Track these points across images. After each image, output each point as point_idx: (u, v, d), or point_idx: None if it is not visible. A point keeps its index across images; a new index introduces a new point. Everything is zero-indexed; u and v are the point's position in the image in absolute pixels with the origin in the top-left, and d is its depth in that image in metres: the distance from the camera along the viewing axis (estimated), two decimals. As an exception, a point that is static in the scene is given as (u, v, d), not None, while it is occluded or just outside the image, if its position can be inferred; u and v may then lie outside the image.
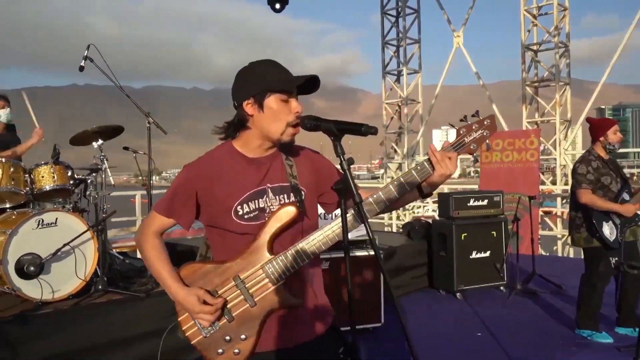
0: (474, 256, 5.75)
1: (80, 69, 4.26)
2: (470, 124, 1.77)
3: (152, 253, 1.71)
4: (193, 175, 1.70)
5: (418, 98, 12.75)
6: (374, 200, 1.71)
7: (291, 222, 1.68)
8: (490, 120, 1.77)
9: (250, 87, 1.66)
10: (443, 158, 1.69)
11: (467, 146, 1.75)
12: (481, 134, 1.76)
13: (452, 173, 1.73)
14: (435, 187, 1.78)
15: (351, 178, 1.55)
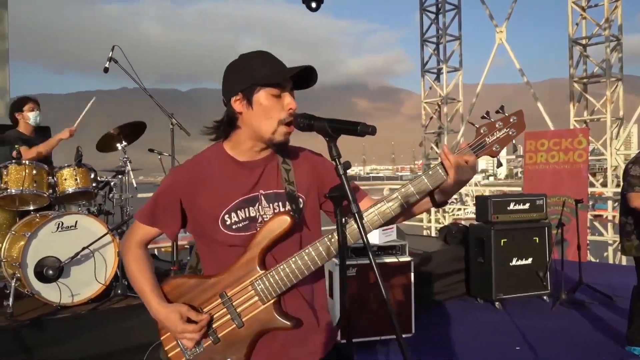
0: (515, 263, 5.42)
1: (105, 70, 4.24)
2: (493, 121, 1.53)
3: (134, 266, 1.56)
4: (177, 181, 1.55)
5: (459, 97, 12.33)
6: (379, 210, 1.51)
7: (285, 233, 1.50)
8: (518, 116, 1.53)
9: (238, 82, 1.49)
10: (458, 162, 1.47)
11: (489, 148, 1.52)
12: (506, 133, 1.52)
13: (469, 179, 1.51)
14: (449, 195, 1.56)
15: (347, 184, 1.35)
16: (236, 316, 1.49)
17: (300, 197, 1.58)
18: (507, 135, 1.52)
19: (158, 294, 1.52)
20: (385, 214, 1.51)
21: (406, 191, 1.51)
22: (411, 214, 1.65)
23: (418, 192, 1.50)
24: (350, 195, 1.34)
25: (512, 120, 1.53)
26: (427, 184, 1.50)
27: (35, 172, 3.72)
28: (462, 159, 1.48)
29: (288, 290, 1.52)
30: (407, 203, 1.50)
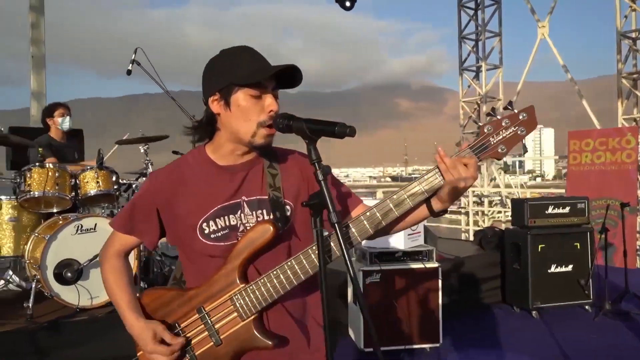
0: (553, 270, 5.11)
1: (128, 72, 4.25)
2: (499, 119, 1.36)
3: (110, 277, 1.48)
4: (154, 187, 1.46)
5: (499, 95, 11.89)
6: (367, 219, 1.37)
7: (268, 243, 1.38)
8: (528, 113, 1.36)
9: (215, 81, 1.38)
10: (455, 165, 1.31)
11: (493, 149, 1.36)
12: (513, 132, 1.36)
13: (468, 185, 1.34)
14: (448, 203, 1.40)
15: (327, 191, 1.22)
16: (214, 333, 1.39)
17: (288, 203, 1.46)
18: (515, 135, 1.35)
19: (134, 307, 1.43)
20: (376, 223, 1.36)
21: (399, 198, 1.36)
22: (407, 223, 1.50)
23: (412, 200, 1.36)
24: (330, 203, 1.20)
25: (522, 117, 1.36)
26: (422, 190, 1.36)
27: (57, 174, 3.76)
28: (461, 162, 1.32)
29: (271, 305, 1.40)
30: (399, 212, 1.36)
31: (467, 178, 1.32)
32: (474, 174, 1.34)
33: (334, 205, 1.21)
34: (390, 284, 4.04)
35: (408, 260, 4.13)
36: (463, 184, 1.33)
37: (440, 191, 1.37)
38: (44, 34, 6.62)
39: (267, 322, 1.43)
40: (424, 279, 4.12)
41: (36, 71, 6.50)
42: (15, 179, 3.77)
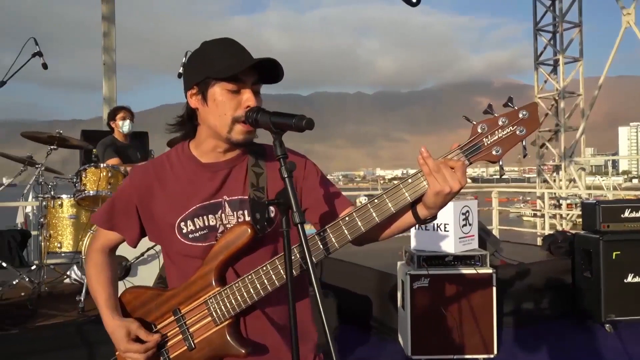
0: (630, 280, 4.64)
1: (179, 75, 4.36)
2: (496, 117, 1.21)
3: (92, 271, 1.46)
4: (133, 183, 1.42)
5: (578, 90, 11.08)
6: (346, 225, 1.26)
7: (246, 245, 1.30)
8: (530, 111, 1.20)
9: (193, 74, 1.32)
10: (439, 168, 1.18)
11: (486, 151, 1.21)
12: (511, 132, 1.20)
13: (455, 190, 1.19)
14: (434, 209, 1.26)
15: (292, 190, 1.13)
16: (188, 337, 1.33)
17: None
18: (513, 135, 1.20)
19: (111, 304, 1.40)
20: (355, 229, 1.25)
21: (380, 203, 1.24)
22: (392, 230, 1.37)
23: (394, 205, 1.23)
24: (294, 201, 1.11)
25: (522, 115, 1.20)
26: (405, 194, 1.23)
27: (110, 174, 3.91)
28: (446, 165, 1.18)
29: (249, 311, 1.33)
30: (380, 217, 1.24)
31: (452, 183, 1.19)
32: (460, 179, 1.19)
33: (298, 204, 1.12)
34: (439, 290, 3.84)
35: (459, 265, 3.90)
36: (448, 189, 1.19)
37: (425, 196, 1.24)
38: (115, 42, 7.00)
39: (244, 329, 1.36)
40: (477, 285, 3.88)
41: (107, 78, 6.90)
42: (73, 178, 3.98)
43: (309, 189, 1.43)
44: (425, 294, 3.84)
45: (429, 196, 1.22)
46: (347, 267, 5.22)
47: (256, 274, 1.30)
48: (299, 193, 1.43)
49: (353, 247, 1.55)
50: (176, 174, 1.39)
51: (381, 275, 4.72)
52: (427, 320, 3.82)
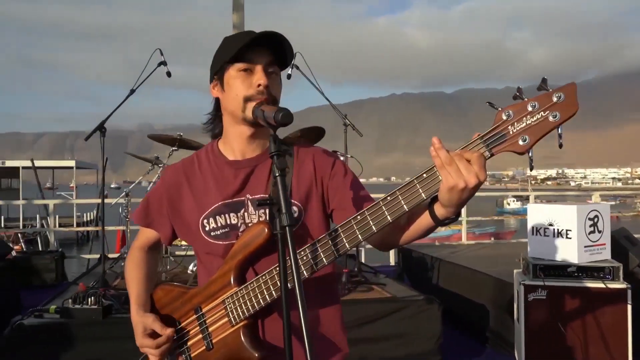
0: None
1: (288, 77, 4.48)
2: (525, 101, 1.02)
3: (128, 267, 1.51)
4: (163, 182, 1.46)
5: None
6: (358, 224, 1.16)
7: (263, 245, 1.26)
8: (566, 93, 1.00)
9: (213, 66, 1.36)
10: (451, 161, 1.03)
11: (511, 140, 1.03)
12: (542, 118, 1.01)
13: (472, 186, 1.02)
14: (451, 208, 1.09)
15: (283, 188, 1.05)
16: (207, 336, 1.32)
17: (294, 204, 1.32)
18: (545, 121, 1.00)
19: (139, 300, 1.43)
20: (367, 229, 1.14)
21: (393, 200, 1.11)
22: (411, 233, 1.22)
23: (408, 203, 1.10)
24: (283, 201, 1.03)
25: (556, 98, 1.00)
26: (420, 191, 1.09)
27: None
28: (461, 157, 1.02)
29: (266, 313, 1.29)
30: (393, 216, 1.12)
31: (468, 177, 1.02)
32: (478, 172, 1.02)
33: (289, 204, 1.04)
34: (559, 304, 3.41)
35: (584, 277, 3.42)
36: (463, 184, 1.02)
37: (439, 193, 1.08)
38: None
39: (261, 331, 1.32)
40: (606, 302, 3.36)
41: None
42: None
43: (334, 189, 1.36)
44: (542, 308, 3.43)
45: (443, 192, 1.06)
46: (462, 271, 4.92)
47: (269, 275, 1.25)
48: (325, 192, 1.37)
49: (473, 251, 1.41)
50: (203, 172, 1.40)
51: (499, 283, 4.35)
52: (545, 337, 3.42)
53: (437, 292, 5.16)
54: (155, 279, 1.51)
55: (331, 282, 1.44)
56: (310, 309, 1.35)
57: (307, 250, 1.23)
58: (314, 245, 1.22)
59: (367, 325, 3.59)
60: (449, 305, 5.00)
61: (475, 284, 4.65)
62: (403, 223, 1.23)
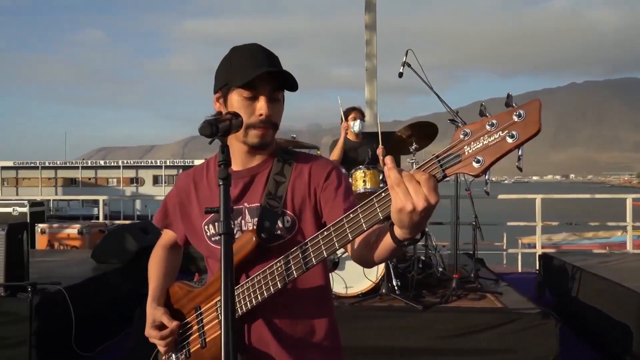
0: None
1: (399, 75, 4.39)
2: (485, 119, 0.96)
3: (150, 262, 1.63)
4: (177, 188, 1.56)
5: None
6: (324, 239, 1.17)
7: (252, 253, 1.32)
8: (528, 111, 0.92)
9: (217, 79, 1.40)
10: (400, 182, 0.97)
11: (465, 161, 0.96)
12: (500, 138, 0.93)
13: (421, 208, 0.96)
14: (405, 228, 1.03)
15: (224, 196, 1.07)
16: (202, 334, 1.41)
17: (287, 214, 1.36)
18: (502, 142, 0.93)
19: (155, 294, 1.55)
20: (330, 245, 1.16)
21: (354, 218, 1.10)
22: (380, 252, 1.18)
23: (367, 221, 1.08)
24: (223, 210, 1.06)
25: (516, 117, 0.92)
26: (377, 210, 1.06)
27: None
28: (412, 178, 0.97)
29: (251, 318, 1.35)
30: (353, 234, 1.11)
31: (415, 199, 0.95)
32: (427, 195, 0.95)
33: (228, 213, 1.06)
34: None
35: None
36: (410, 206, 0.96)
37: (391, 214, 1.02)
38: (376, 49, 7.46)
39: (247, 336, 1.37)
40: None
41: (369, 82, 7.42)
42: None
43: (325, 200, 1.37)
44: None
45: (393, 213, 1.01)
46: (602, 283, 4.32)
47: (251, 282, 1.31)
48: (318, 203, 1.39)
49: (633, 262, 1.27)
50: (209, 179, 1.48)
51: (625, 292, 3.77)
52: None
53: (575, 306, 4.62)
54: (174, 276, 1.63)
55: (321, 292, 1.44)
56: (300, 318, 1.37)
57: (280, 262, 1.25)
58: (286, 257, 1.25)
59: (471, 335, 3.37)
60: (585, 322, 4.43)
61: (616, 299, 4.05)
62: (372, 241, 1.20)
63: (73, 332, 3.72)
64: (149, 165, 27.21)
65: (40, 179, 25.32)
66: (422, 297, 3.85)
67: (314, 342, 1.39)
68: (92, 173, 27.18)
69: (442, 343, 3.39)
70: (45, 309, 3.50)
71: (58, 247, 6.92)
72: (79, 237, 6.99)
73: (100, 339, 4.13)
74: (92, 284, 4.29)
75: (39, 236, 7.01)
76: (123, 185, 26.46)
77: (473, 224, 4.49)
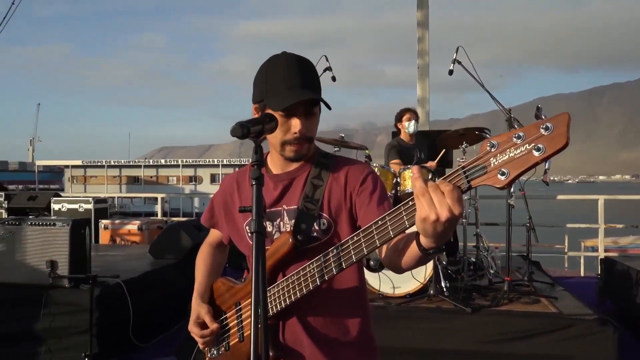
0: None
1: (449, 72, 4.32)
2: (512, 131, 0.96)
3: (197, 259, 1.69)
4: (222, 189, 1.62)
5: None
6: (353, 244, 1.20)
7: (288, 254, 1.36)
8: (555, 125, 0.91)
9: (255, 91, 1.44)
10: (425, 191, 1.00)
11: (491, 174, 0.97)
12: (526, 151, 0.94)
13: (444, 219, 0.98)
14: (429, 237, 1.05)
15: (257, 197, 1.10)
16: (241, 329, 1.47)
17: (323, 217, 1.39)
18: (528, 155, 0.93)
19: (200, 290, 1.60)
20: (358, 250, 1.19)
21: (382, 225, 1.13)
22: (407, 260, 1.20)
23: (394, 229, 1.11)
24: (255, 209, 1.09)
25: (544, 130, 0.92)
26: (404, 219, 1.08)
27: (379, 173, 4.23)
28: (437, 188, 0.99)
29: (287, 316, 1.39)
30: (380, 240, 1.14)
31: (440, 210, 0.97)
32: (452, 206, 0.97)
33: (260, 212, 1.09)
34: None
35: None
36: (434, 216, 0.98)
37: (416, 223, 1.04)
38: (428, 46, 7.35)
39: (281, 333, 1.40)
40: None
41: (421, 80, 7.31)
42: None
43: (360, 205, 1.39)
44: None
45: (417, 222, 1.03)
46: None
47: (286, 282, 1.35)
48: (353, 207, 1.41)
49: None
50: (249, 182, 1.51)
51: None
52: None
53: (638, 312, 4.37)
54: (220, 273, 1.69)
55: (356, 292, 1.45)
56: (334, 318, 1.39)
57: (313, 265, 1.29)
58: (318, 260, 1.28)
59: (521, 340, 3.28)
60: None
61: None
62: (401, 247, 1.22)
63: (131, 324, 3.91)
64: (207, 164, 27.97)
65: (106, 177, 26.61)
66: (472, 299, 3.77)
67: (348, 342, 1.41)
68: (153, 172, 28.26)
69: (490, 347, 3.31)
70: (105, 301, 3.70)
71: (119, 242, 7.26)
72: (138, 232, 7.31)
73: (156, 331, 4.31)
74: (148, 278, 4.48)
75: (102, 231, 7.39)
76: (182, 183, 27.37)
77: (527, 225, 4.35)
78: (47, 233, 3.82)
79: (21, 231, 3.86)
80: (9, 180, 32.24)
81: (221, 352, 1.54)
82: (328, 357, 1.39)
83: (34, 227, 3.85)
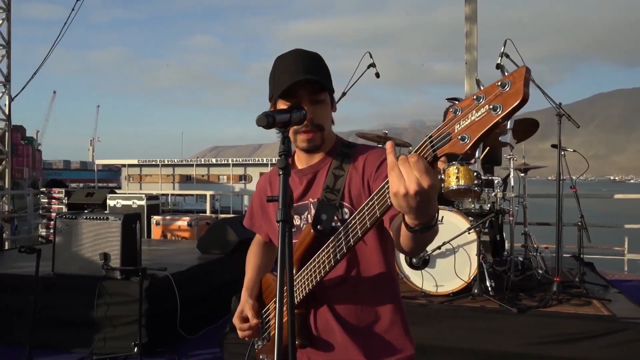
0: None
1: (497, 66, 4.20)
2: (473, 94, 0.91)
3: (247, 255, 1.73)
4: (257, 189, 1.66)
5: None
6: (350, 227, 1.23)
7: (311, 245, 1.38)
8: (512, 80, 0.85)
9: (269, 89, 1.47)
10: (393, 165, 0.98)
11: (454, 140, 0.92)
12: (485, 113, 0.88)
13: (412, 192, 0.94)
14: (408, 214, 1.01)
15: (283, 186, 1.12)
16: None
17: (344, 206, 1.40)
18: (487, 116, 0.88)
19: (249, 285, 1.64)
20: (354, 234, 1.21)
21: (372, 204, 1.14)
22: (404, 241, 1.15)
23: (380, 208, 1.11)
24: (281, 198, 1.11)
25: (501, 87, 0.86)
26: (387, 196, 1.07)
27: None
28: (405, 161, 0.96)
29: (317, 304, 1.42)
30: (371, 221, 1.15)
31: (408, 183, 0.94)
32: (419, 178, 0.93)
33: (286, 201, 1.11)
34: None
35: None
36: (403, 190, 0.95)
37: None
38: (477, 41, 7.16)
39: (312, 322, 1.42)
40: None
41: (469, 75, 7.12)
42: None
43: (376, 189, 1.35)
44: None
45: (392, 198, 1.00)
46: None
47: (306, 269, 1.36)
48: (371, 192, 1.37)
49: None
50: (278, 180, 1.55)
51: None
52: None
53: None
54: (268, 269, 1.71)
55: (384, 279, 1.43)
56: (363, 306, 1.39)
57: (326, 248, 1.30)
58: (327, 245, 1.30)
59: (570, 343, 3.16)
60: None
61: None
62: (396, 227, 1.19)
63: (178, 315, 4.05)
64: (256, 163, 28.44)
65: (160, 176, 27.55)
66: (519, 299, 3.66)
67: (378, 330, 1.41)
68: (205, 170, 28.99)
69: (536, 349, 3.21)
70: (154, 293, 3.85)
71: (170, 237, 7.51)
72: (188, 228, 7.53)
73: (201, 323, 4.44)
74: (195, 272, 4.62)
75: (154, 227, 7.66)
76: (232, 182, 27.95)
77: (579, 224, 4.18)
78: (100, 227, 4.01)
79: (77, 225, 4.07)
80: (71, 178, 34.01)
81: (265, 343, 1.58)
82: (359, 346, 1.39)
83: (89, 222, 4.05)
